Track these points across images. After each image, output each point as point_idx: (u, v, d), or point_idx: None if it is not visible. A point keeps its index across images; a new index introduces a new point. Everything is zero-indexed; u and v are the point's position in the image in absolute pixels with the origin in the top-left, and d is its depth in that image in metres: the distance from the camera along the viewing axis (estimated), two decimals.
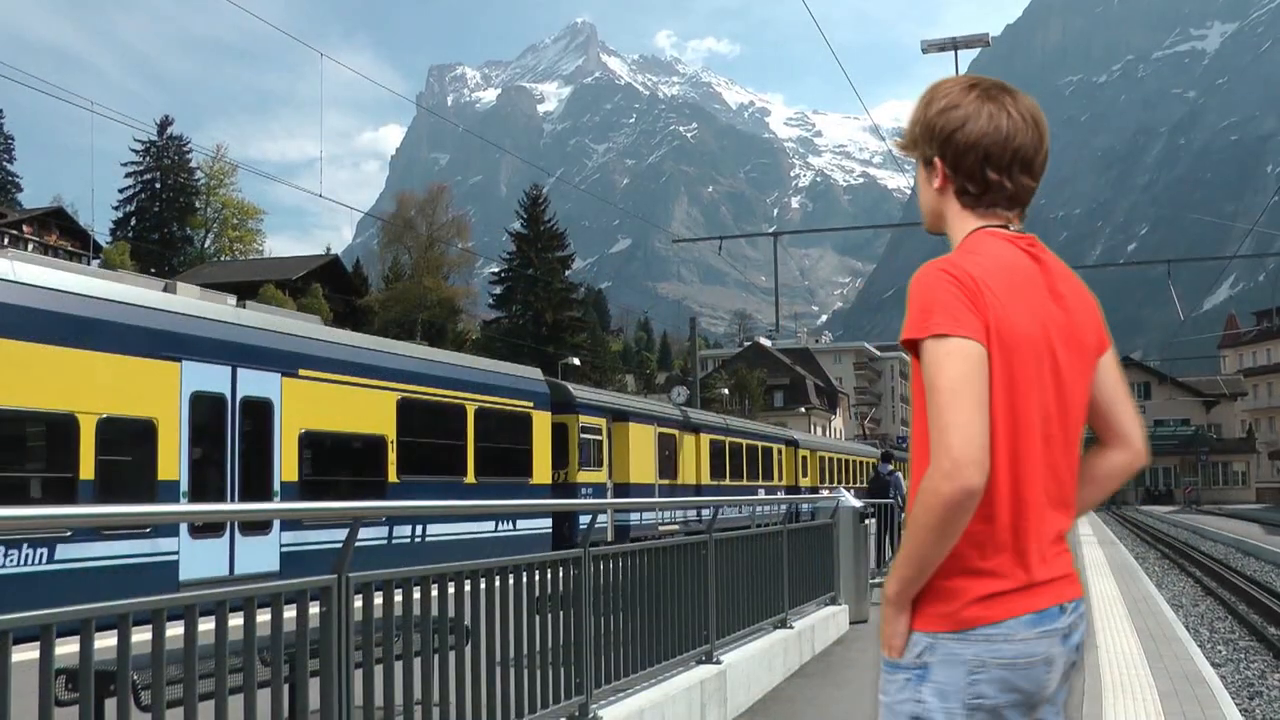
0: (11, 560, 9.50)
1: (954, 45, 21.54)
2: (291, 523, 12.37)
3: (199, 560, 11.34)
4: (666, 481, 25.10)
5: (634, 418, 23.57)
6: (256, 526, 12.16)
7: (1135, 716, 6.45)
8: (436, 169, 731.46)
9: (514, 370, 19.48)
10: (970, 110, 2.02)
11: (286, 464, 12.96)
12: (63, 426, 10.25)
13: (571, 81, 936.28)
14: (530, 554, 4.81)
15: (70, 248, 69.05)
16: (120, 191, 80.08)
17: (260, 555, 12.20)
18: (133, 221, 78.85)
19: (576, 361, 50.25)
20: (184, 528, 11.12)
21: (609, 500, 21.36)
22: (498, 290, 69.22)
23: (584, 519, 7.60)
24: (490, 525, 16.52)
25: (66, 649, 2.55)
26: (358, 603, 3.61)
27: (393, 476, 14.80)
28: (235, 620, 3.08)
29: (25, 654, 2.51)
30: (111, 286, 11.25)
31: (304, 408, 13.22)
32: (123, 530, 10.42)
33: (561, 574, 4.98)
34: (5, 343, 9.73)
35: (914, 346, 1.90)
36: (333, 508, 7.31)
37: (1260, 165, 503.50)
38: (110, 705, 2.80)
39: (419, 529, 14.92)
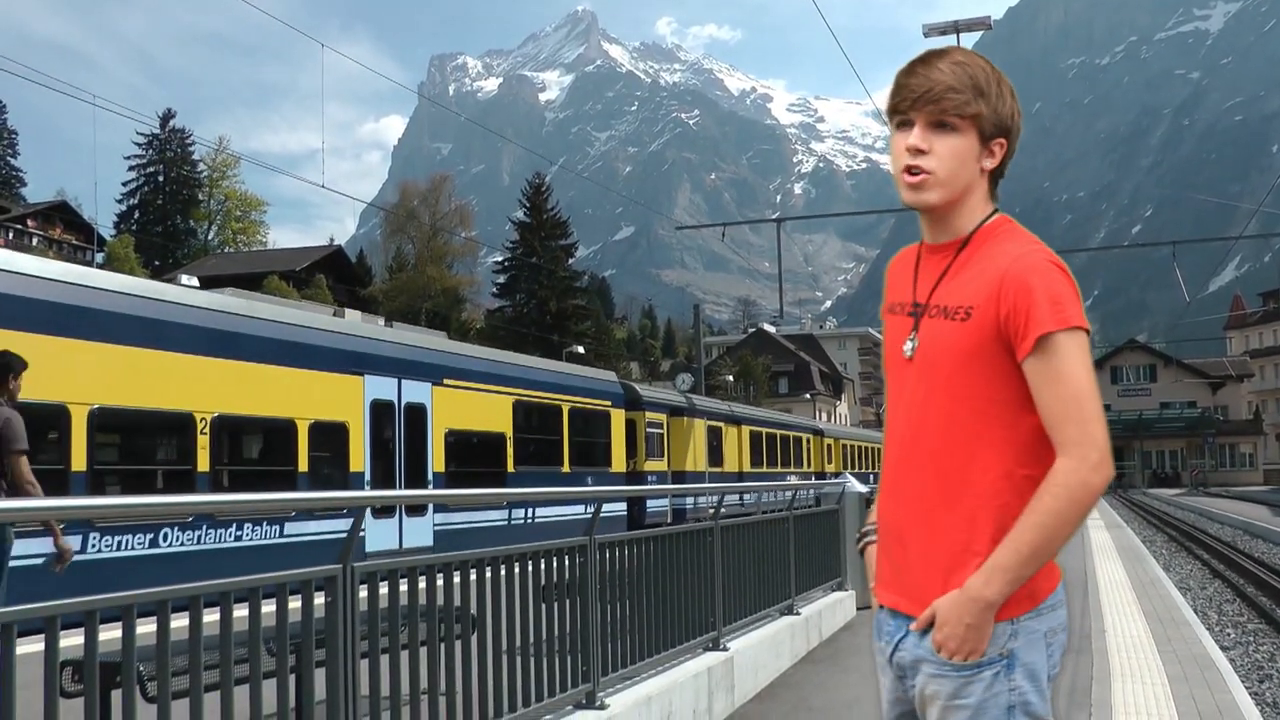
0: (258, 534, 11.72)
1: (956, 28, 21.41)
2: (440, 506, 14.99)
3: (380, 536, 13.43)
4: (714, 469, 27.29)
5: (687, 413, 25.95)
6: (417, 510, 14.40)
7: (1144, 700, 6.43)
8: (439, 159, 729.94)
9: (595, 374, 22.41)
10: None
11: (437, 457, 15.21)
12: (285, 430, 12.40)
13: (573, 70, 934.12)
14: (538, 542, 4.79)
15: (74, 241, 69.17)
16: (123, 185, 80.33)
17: (420, 533, 14.38)
18: (136, 215, 79.01)
19: (581, 350, 50.15)
20: (369, 510, 12.27)
21: (606, 489, 22.45)
22: (501, 279, 69.06)
23: (589, 508, 7.77)
24: (581, 508, 18.45)
25: (71, 641, 2.54)
26: (363, 592, 3.59)
27: (510, 467, 17.18)
28: (240, 611, 3.07)
29: (30, 646, 2.50)
30: (312, 316, 13.71)
31: (448, 411, 15.55)
32: (323, 511, 12.24)
33: (568, 562, 4.97)
34: (243, 365, 11.78)
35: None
36: (335, 497, 7.73)
37: (1265, 145, 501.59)
38: (116, 697, 2.79)
39: (530, 511, 17.30)
